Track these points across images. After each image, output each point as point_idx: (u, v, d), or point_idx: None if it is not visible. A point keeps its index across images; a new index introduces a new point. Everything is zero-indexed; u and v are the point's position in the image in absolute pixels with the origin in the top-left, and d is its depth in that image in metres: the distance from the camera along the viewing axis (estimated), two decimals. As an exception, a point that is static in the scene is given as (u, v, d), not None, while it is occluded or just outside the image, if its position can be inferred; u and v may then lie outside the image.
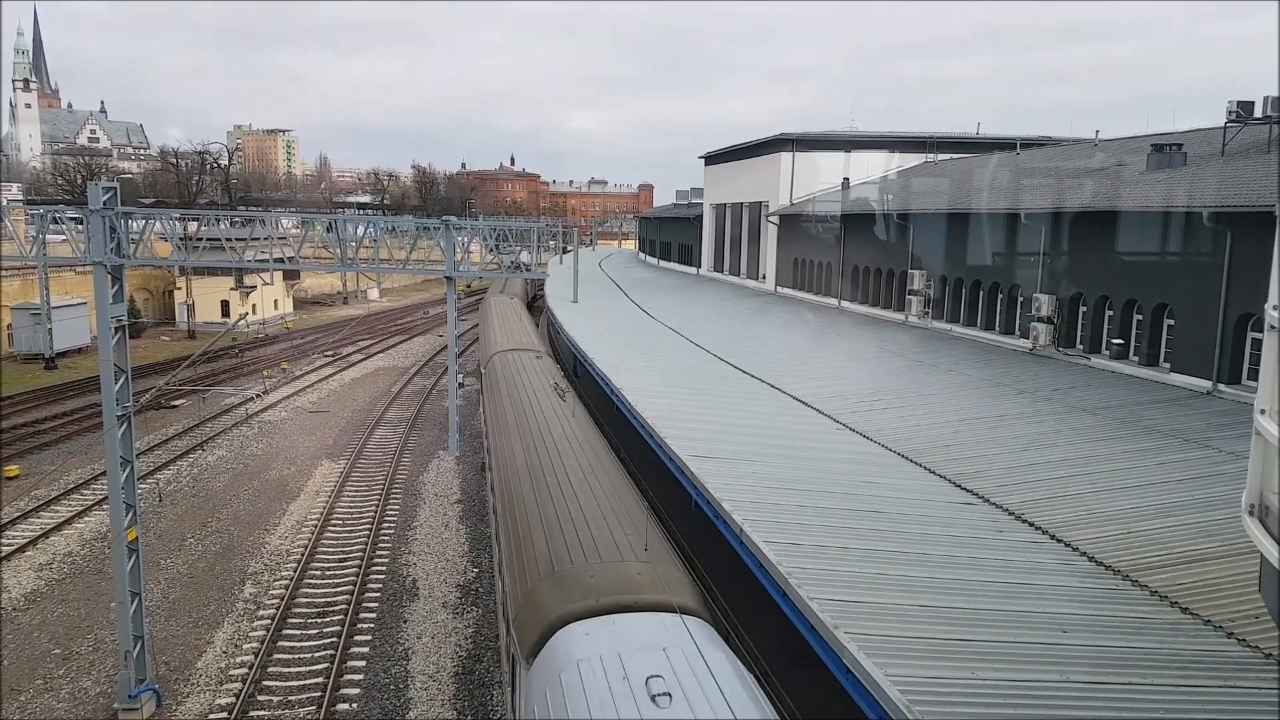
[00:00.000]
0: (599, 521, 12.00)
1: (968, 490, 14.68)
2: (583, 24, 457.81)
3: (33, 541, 24.53)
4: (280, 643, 19.42)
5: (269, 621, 20.23)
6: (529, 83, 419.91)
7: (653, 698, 7.65)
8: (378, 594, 21.96)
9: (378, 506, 28.12)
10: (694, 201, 71.66)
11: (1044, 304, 25.64)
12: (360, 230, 21.02)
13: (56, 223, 19.20)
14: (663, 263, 78.45)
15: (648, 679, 7.90)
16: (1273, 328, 7.85)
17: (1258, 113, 24.28)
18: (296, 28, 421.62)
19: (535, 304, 66.45)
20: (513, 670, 10.95)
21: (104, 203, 16.06)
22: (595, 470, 14.77)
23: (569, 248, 65.53)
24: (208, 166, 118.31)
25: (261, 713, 16.87)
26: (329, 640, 19.49)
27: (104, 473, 20.34)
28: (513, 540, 12.61)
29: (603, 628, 9.14)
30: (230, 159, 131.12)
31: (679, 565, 11.19)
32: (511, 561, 12.12)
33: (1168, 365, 21.96)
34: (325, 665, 18.42)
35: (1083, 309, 24.99)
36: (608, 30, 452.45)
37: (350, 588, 22.09)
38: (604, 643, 8.80)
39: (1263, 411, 7.92)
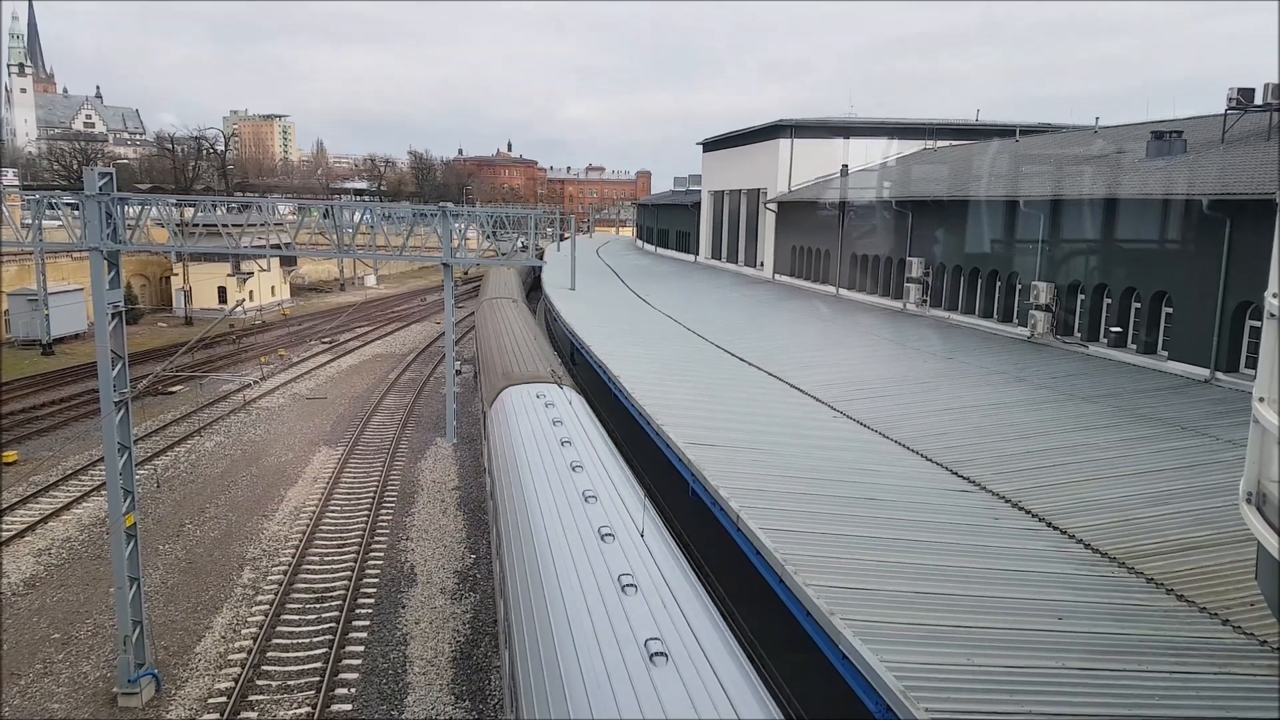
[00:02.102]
0: (530, 357, 24.84)
1: (964, 477, 14.71)
2: (577, 18, 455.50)
3: (31, 527, 24.57)
4: (279, 628, 19.48)
5: (268, 607, 20.29)
6: (525, 74, 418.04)
7: (537, 399, 18.81)
8: (376, 579, 22.02)
9: (376, 493, 28.16)
10: (692, 189, 71.46)
11: (1042, 291, 25.63)
12: (357, 217, 20.98)
13: (53, 208, 19.15)
14: (660, 250, 78.31)
15: (537, 395, 19.24)
16: (1272, 316, 7.83)
17: (1258, 100, 24.19)
18: (293, 21, 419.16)
19: (533, 293, 66.26)
20: (484, 417, 21.96)
21: (100, 188, 16.00)
22: (528, 336, 29.55)
23: (566, 235, 65.38)
24: (204, 152, 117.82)
25: (260, 697, 16.94)
26: (328, 625, 19.55)
27: (102, 458, 20.32)
28: (487, 364, 26.19)
29: (524, 387, 20.31)
30: (226, 144, 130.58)
31: (564, 370, 24.49)
32: (485, 373, 25.93)
33: (1165, 353, 21.97)
34: (324, 650, 18.49)
35: (1081, 296, 24.98)
36: (603, 23, 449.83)
37: (349, 573, 22.15)
38: (523, 391, 19.88)
39: (1261, 399, 7.91)
